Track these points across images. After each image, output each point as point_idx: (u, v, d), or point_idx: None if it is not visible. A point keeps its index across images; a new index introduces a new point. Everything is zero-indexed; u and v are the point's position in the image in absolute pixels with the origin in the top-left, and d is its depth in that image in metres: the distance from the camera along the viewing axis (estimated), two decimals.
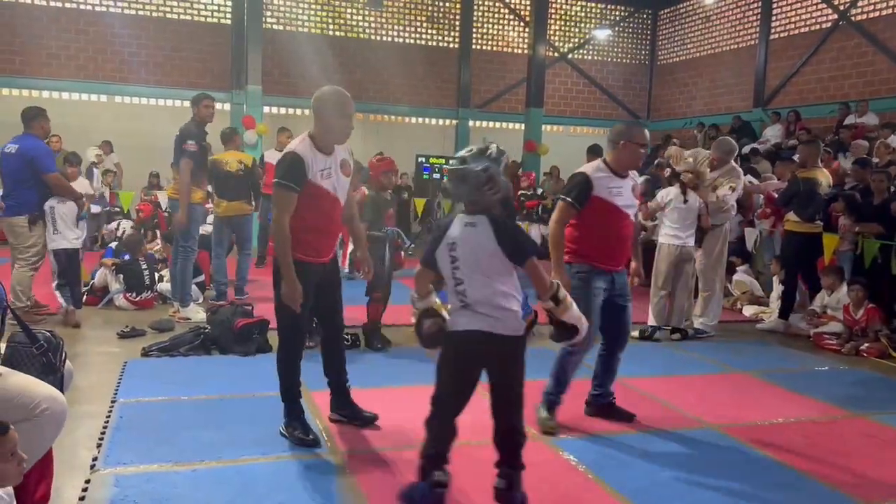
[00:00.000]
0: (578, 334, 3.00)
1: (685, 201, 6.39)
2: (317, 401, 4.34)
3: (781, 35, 14.58)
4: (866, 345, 6.17)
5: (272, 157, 9.39)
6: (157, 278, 7.18)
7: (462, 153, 2.88)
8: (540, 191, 10.01)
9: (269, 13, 14.90)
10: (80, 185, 7.35)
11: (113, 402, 4.19)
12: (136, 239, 7.68)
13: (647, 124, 18.09)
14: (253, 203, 7.48)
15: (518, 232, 2.88)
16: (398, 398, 4.53)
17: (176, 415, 4.05)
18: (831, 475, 3.56)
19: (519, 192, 9.80)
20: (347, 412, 4.00)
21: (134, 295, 6.88)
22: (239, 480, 3.24)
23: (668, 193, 6.57)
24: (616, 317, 4.10)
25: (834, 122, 12.27)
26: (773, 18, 14.67)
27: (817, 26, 13.82)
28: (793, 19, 14.38)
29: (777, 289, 7.63)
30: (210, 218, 7.96)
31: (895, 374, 5.60)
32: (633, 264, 4.43)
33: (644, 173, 9.72)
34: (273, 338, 5.59)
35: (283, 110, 15.48)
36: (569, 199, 3.96)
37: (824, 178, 6.91)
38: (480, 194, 2.79)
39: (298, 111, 15.74)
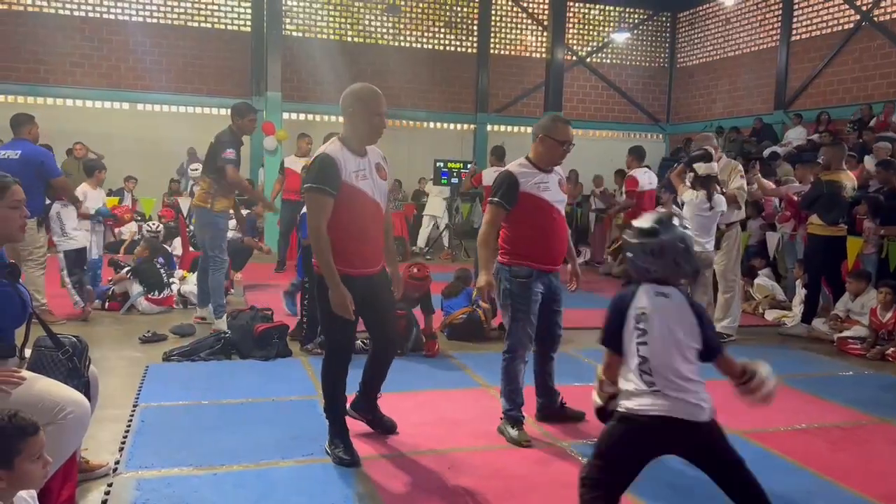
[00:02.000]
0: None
1: (710, 208, 6.20)
2: None
3: (803, 36, 14.45)
4: (892, 349, 6.07)
5: (293, 163, 9.40)
6: (174, 280, 7.29)
7: (648, 224, 2.55)
8: None
9: (288, 20, 15.02)
10: (97, 195, 7.14)
11: (135, 406, 4.23)
12: (153, 241, 7.78)
13: (667, 128, 18.02)
14: None
15: (710, 319, 2.66)
16: (416, 403, 4.53)
17: (197, 419, 4.08)
18: (857, 482, 3.50)
19: None
20: (369, 417, 3.91)
21: (155, 294, 6.99)
22: (259, 484, 3.25)
23: (693, 199, 6.39)
24: (547, 320, 4.06)
25: (858, 124, 12.11)
26: (794, 20, 14.54)
27: (839, 27, 13.67)
28: (814, 20, 14.24)
29: (800, 293, 7.54)
30: (232, 223, 7.98)
31: None
32: (569, 266, 4.33)
33: (661, 180, 9.68)
34: (293, 344, 5.76)
35: (301, 116, 15.56)
36: (496, 199, 3.92)
37: (849, 180, 6.82)
38: (677, 267, 2.52)
39: (317, 117, 15.85)
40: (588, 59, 17.53)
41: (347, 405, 3.73)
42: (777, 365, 5.95)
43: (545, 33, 16.18)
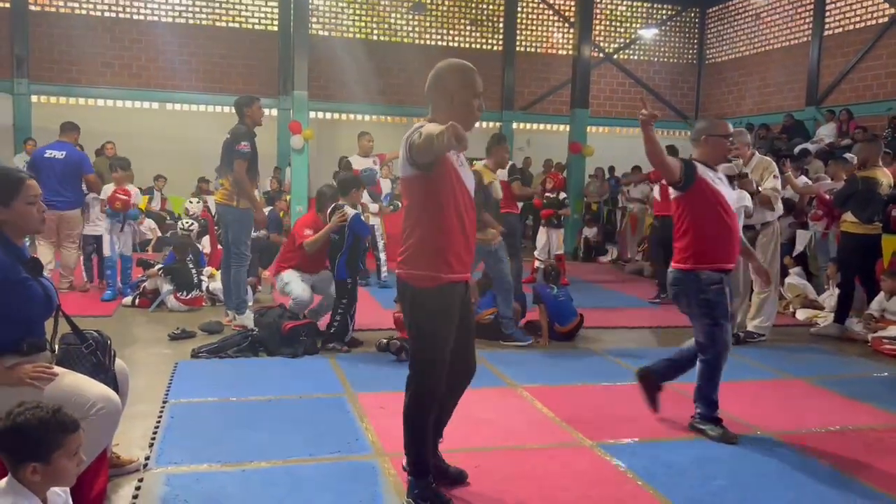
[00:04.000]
0: None
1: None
2: (361, 401, 4.37)
3: (835, 31, 14.17)
4: None
5: (358, 163, 9.06)
6: (203, 278, 7.36)
7: None
8: (563, 196, 9.78)
9: (314, 19, 15.10)
10: (132, 192, 7.63)
11: (164, 402, 4.27)
12: (184, 240, 7.84)
13: (696, 124, 17.77)
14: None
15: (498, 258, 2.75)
16: None
17: (225, 415, 4.11)
18: (892, 482, 3.42)
19: (545, 194, 9.59)
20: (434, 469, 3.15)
21: (184, 294, 7.05)
22: (287, 481, 3.26)
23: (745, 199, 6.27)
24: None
25: (891, 121, 11.85)
26: (827, 14, 14.27)
27: (873, 21, 13.39)
28: (847, 14, 13.96)
29: (833, 292, 7.40)
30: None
31: None
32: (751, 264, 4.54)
33: None
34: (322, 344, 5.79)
35: (328, 115, 15.66)
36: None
37: (885, 177, 6.66)
38: None
39: (343, 116, 15.93)
40: (615, 56, 17.38)
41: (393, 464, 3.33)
42: (809, 366, 5.90)
43: (572, 30, 16.06)
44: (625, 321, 7.26)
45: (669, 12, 17.70)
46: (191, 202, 10.92)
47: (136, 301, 7.14)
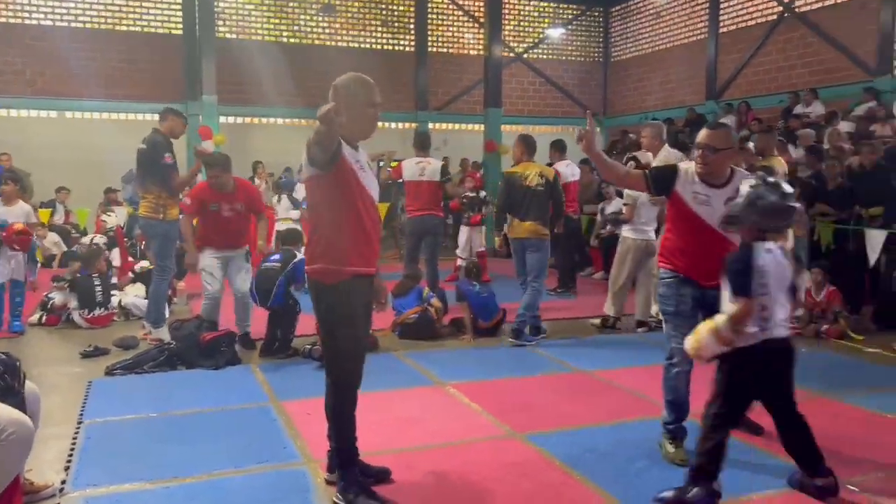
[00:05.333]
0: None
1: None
2: (287, 409, 4.31)
3: (730, 28, 14.90)
4: (826, 326, 6.34)
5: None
6: (111, 295, 7.04)
7: (781, 190, 2.95)
8: (483, 194, 9.93)
9: (221, 22, 14.74)
10: (20, 209, 6.69)
11: (79, 423, 4.09)
12: (93, 253, 7.51)
13: (604, 121, 18.34)
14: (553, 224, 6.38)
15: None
16: (370, 403, 4.51)
17: (145, 432, 3.97)
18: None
19: (464, 195, 9.70)
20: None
21: (86, 312, 6.74)
22: (214, 495, 3.19)
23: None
24: None
25: (783, 112, 12.56)
26: (721, 12, 14.98)
27: (764, 19, 14.15)
28: (740, 13, 14.71)
29: None
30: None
31: (856, 354, 5.76)
32: None
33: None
34: (243, 351, 5.67)
35: (239, 120, 15.33)
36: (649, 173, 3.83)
37: (781, 166, 7.06)
38: (787, 224, 3.06)
39: (255, 120, 15.63)
40: (525, 56, 17.71)
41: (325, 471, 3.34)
42: None
43: (482, 30, 16.27)
44: (545, 314, 7.42)
45: (575, 12, 18.17)
46: (109, 215, 10.47)
47: (43, 319, 6.80)
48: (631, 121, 17.02)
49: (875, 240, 6.75)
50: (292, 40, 15.76)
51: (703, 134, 3.54)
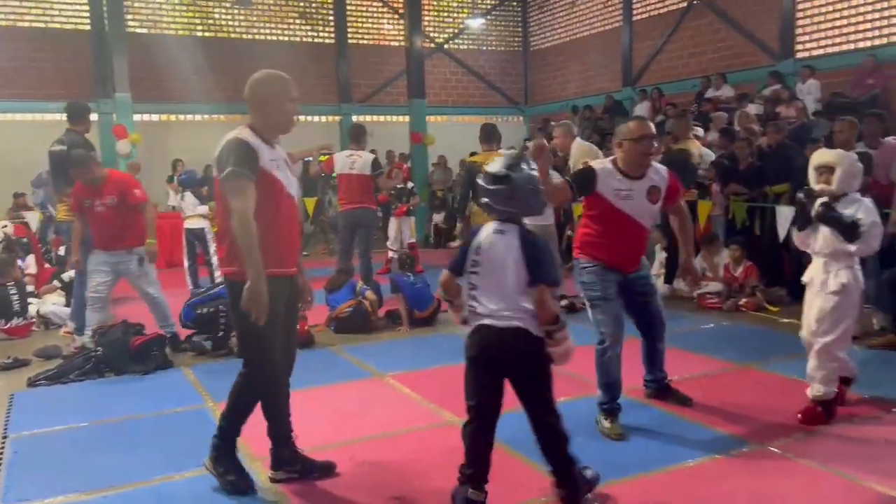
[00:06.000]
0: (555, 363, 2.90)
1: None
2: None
3: (643, 16, 15.33)
4: (744, 300, 6.66)
5: None
6: (27, 303, 6.75)
7: (499, 169, 2.77)
8: (410, 185, 9.94)
9: (130, 16, 14.21)
10: None
11: (3, 437, 3.93)
12: (6, 261, 7.17)
13: (526, 109, 18.62)
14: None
15: (547, 251, 2.85)
16: (309, 400, 4.50)
17: (76, 443, 3.85)
18: (728, 423, 3.84)
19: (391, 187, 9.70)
20: (298, 467, 3.33)
21: (3, 322, 6.45)
22: (156, 501, 3.12)
23: (554, 177, 6.71)
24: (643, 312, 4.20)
25: (696, 97, 13.04)
26: (635, 0, 15.40)
27: (675, 6, 14.62)
28: (653, 0, 15.15)
29: (659, 256, 8.07)
30: None
31: (772, 325, 6.08)
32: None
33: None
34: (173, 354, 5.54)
35: (155, 117, 14.85)
36: (569, 179, 3.92)
37: (696, 148, 7.37)
38: (528, 205, 2.81)
39: (172, 117, 15.17)
40: (446, 46, 17.77)
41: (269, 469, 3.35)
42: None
43: (402, 21, 16.23)
44: None
45: (493, 1, 18.33)
46: (5, 225, 9.93)
47: None
48: (552, 109, 17.32)
49: (784, 216, 7.10)
50: (207, 34, 15.34)
51: (644, 125, 3.81)
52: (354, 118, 16.55)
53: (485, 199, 2.82)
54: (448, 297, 3.00)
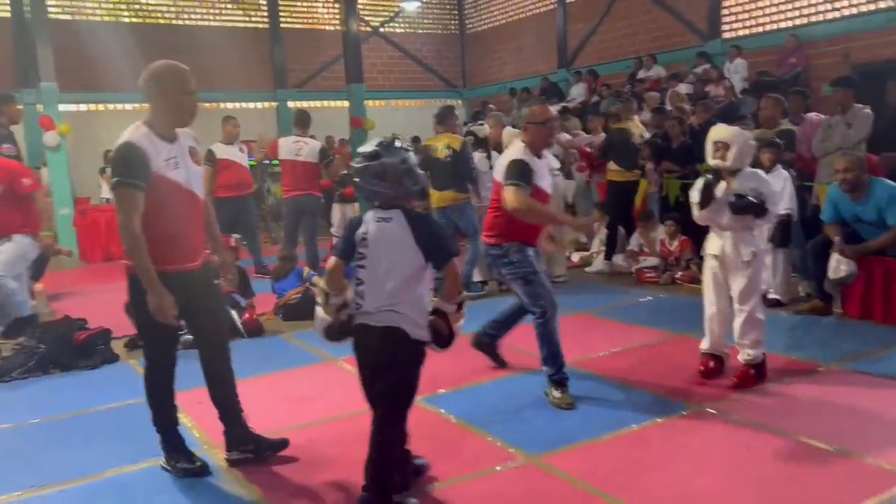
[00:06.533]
0: (450, 345, 2.92)
1: (490, 167, 6.68)
2: (178, 400, 4.23)
3: None
4: (680, 273, 6.94)
5: (225, 151, 7.96)
6: None
7: (371, 148, 2.71)
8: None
9: (52, 2, 13.67)
10: None
11: None
12: None
13: (464, 93, 18.71)
14: (469, 189, 6.70)
15: (439, 228, 2.79)
16: (261, 386, 4.54)
17: (29, 439, 3.80)
18: (668, 389, 4.04)
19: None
20: (251, 447, 3.40)
21: None
22: (115, 492, 3.13)
23: (475, 159, 6.87)
24: None
25: (629, 77, 13.36)
26: None
27: None
28: None
29: (599, 235, 8.31)
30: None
31: None
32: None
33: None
34: (118, 346, 5.46)
35: (83, 107, 14.38)
36: (522, 183, 3.90)
37: (636, 128, 7.61)
38: (400, 187, 2.68)
39: (101, 107, 14.72)
40: (382, 30, 17.69)
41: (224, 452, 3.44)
42: (589, 300, 6.58)
43: (336, 4, 16.07)
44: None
45: None
46: None
47: None
48: (490, 91, 17.47)
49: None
50: (135, 20, 14.90)
51: (547, 109, 4.10)
52: (291, 104, 16.36)
53: (356, 179, 2.73)
54: (332, 290, 2.81)
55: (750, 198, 3.96)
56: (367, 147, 2.73)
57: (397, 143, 2.73)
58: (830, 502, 2.69)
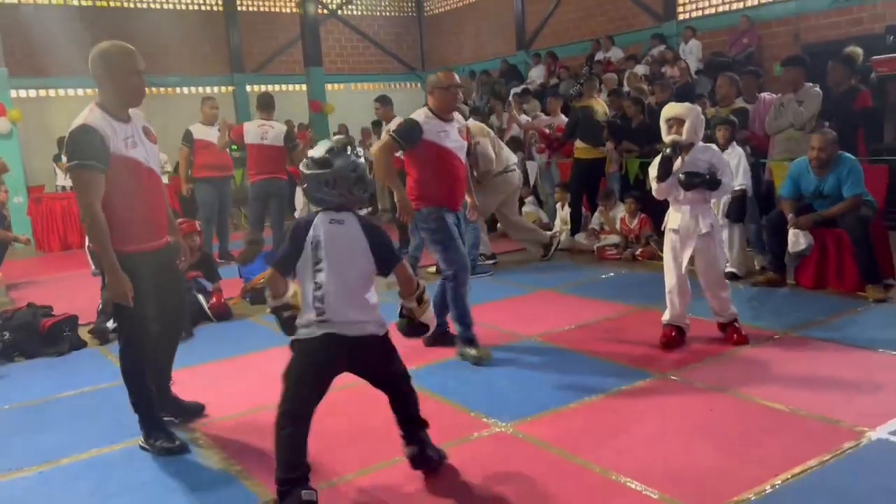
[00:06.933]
0: (429, 331, 3.08)
1: None
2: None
3: None
4: (640, 250, 7.13)
5: (204, 133, 7.87)
6: None
7: (320, 154, 2.66)
8: None
9: None
10: None
11: None
12: None
13: (423, 76, 18.66)
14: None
15: (385, 234, 2.78)
16: (236, 367, 4.58)
17: (0, 425, 3.78)
18: (632, 358, 4.20)
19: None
20: (172, 408, 3.61)
21: None
22: (94, 472, 3.15)
23: None
24: None
25: (587, 59, 13.52)
26: None
27: None
28: None
29: (560, 213, 8.46)
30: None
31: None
32: (468, 200, 4.76)
33: None
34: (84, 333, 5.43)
35: (33, 93, 14.00)
36: (394, 135, 4.33)
37: (600, 106, 7.76)
38: (351, 194, 2.67)
39: (52, 92, 14.36)
40: (340, 12, 17.54)
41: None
42: (554, 277, 6.72)
43: None
44: None
45: None
46: None
47: None
48: None
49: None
50: (86, 2, 14.52)
51: (451, 76, 4.39)
52: (249, 88, 16.17)
53: (305, 185, 2.69)
54: (274, 295, 2.78)
55: (705, 175, 4.12)
56: (318, 151, 2.68)
57: (348, 150, 2.68)
58: (787, 459, 2.85)
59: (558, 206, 8.63)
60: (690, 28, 12.02)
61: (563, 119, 9.13)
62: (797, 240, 5.37)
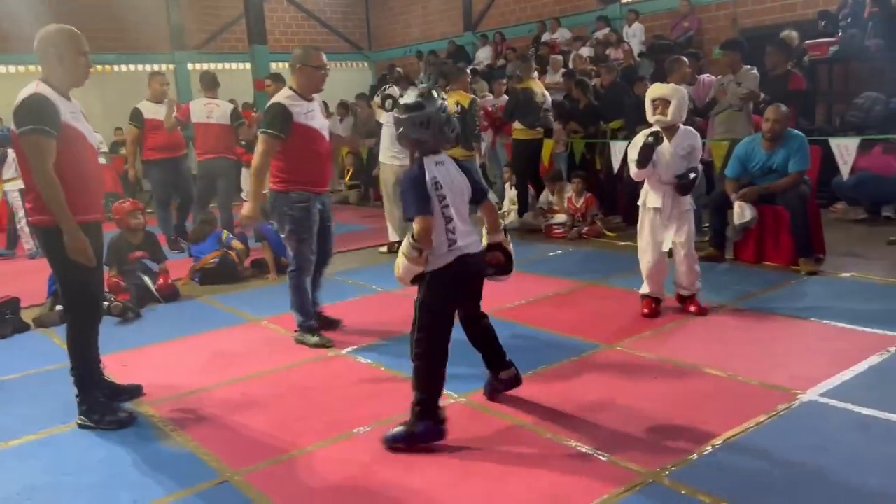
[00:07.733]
0: (512, 270, 3.35)
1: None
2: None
3: None
4: (586, 228, 7.30)
5: (153, 111, 7.41)
6: None
7: (413, 99, 2.87)
8: None
9: None
10: None
11: None
12: None
13: (371, 55, 18.54)
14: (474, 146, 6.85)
15: (476, 170, 3.05)
16: (188, 347, 4.55)
17: None
18: (580, 331, 4.34)
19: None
20: (107, 390, 3.58)
21: None
22: (47, 451, 3.13)
23: (389, 121, 6.97)
24: (322, 238, 4.46)
25: (533, 41, 13.64)
26: None
27: None
28: None
29: (509, 193, 8.58)
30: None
31: (610, 248, 6.74)
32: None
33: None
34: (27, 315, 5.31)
35: None
36: (271, 132, 4.12)
37: (538, 87, 7.85)
38: (442, 133, 2.89)
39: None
40: None
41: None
42: None
43: None
44: (342, 245, 7.68)
45: None
46: None
47: None
48: (397, 54, 17.40)
49: (618, 151, 7.79)
50: None
51: (321, 56, 4.27)
52: (190, 66, 15.79)
53: (400, 129, 2.91)
54: (427, 247, 2.84)
55: (689, 175, 4.36)
56: (409, 98, 2.90)
57: (434, 94, 2.91)
58: (727, 421, 3.02)
59: (506, 185, 8.75)
60: (634, 11, 12.24)
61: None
62: (742, 212, 5.55)
